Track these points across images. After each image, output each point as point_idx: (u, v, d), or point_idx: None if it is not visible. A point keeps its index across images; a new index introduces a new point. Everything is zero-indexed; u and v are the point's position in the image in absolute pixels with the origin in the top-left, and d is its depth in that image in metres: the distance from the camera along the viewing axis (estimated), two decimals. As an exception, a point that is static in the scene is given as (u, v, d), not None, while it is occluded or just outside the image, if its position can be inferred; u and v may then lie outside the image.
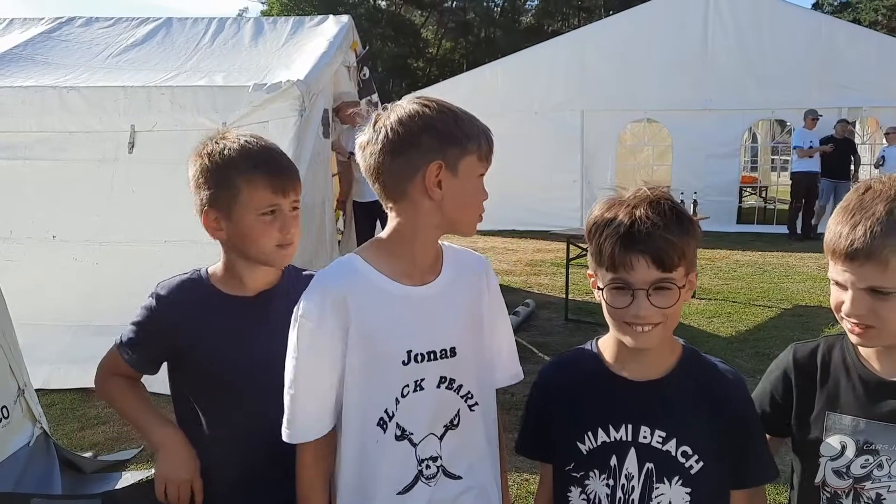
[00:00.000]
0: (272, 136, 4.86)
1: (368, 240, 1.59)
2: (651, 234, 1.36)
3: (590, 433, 1.49)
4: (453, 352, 1.51)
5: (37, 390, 3.22)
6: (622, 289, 1.39)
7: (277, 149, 1.73)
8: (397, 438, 1.48)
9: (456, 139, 1.43)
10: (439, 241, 1.57)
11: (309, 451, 1.50)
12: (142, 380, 1.87)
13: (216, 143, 1.70)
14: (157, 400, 1.84)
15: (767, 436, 1.57)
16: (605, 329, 1.49)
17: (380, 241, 1.54)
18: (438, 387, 1.50)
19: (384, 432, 1.47)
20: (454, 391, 1.53)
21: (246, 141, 1.69)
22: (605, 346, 1.55)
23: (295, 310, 1.48)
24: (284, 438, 1.49)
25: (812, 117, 11.62)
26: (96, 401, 4.41)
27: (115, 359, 1.80)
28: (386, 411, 1.47)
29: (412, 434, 1.49)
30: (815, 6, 45.65)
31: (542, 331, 6.41)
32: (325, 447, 1.51)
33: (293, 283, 1.70)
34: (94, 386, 1.85)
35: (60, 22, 6.28)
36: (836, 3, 49.71)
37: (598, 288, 1.45)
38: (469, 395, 1.55)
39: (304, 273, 1.80)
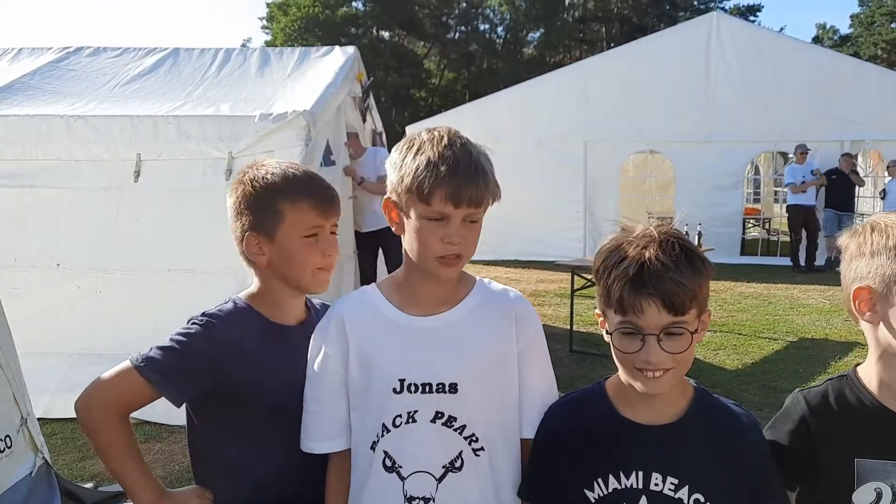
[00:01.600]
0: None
1: (371, 270, 1.62)
2: (661, 277, 1.32)
3: (599, 480, 1.43)
4: (454, 388, 1.45)
5: (38, 419, 3.18)
6: (632, 333, 1.35)
7: (318, 174, 1.74)
8: (387, 469, 1.46)
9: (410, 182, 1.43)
10: (475, 276, 1.57)
11: (332, 464, 1.57)
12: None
13: (256, 169, 1.70)
14: (158, 430, 1.80)
15: None
16: (611, 361, 1.45)
17: (396, 273, 1.57)
18: (434, 422, 1.46)
19: (373, 455, 1.48)
20: (455, 431, 1.46)
21: (288, 166, 1.70)
22: (614, 388, 1.49)
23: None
24: (301, 447, 1.57)
25: (801, 152, 11.70)
26: (97, 431, 4.36)
27: (132, 387, 1.62)
28: (376, 435, 1.47)
29: (401, 467, 1.46)
30: (815, 40, 46.20)
31: (547, 362, 6.36)
32: (347, 463, 1.54)
33: (321, 314, 1.73)
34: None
35: (68, 52, 6.34)
36: (835, 38, 50.27)
37: (607, 331, 1.41)
38: (474, 438, 1.47)
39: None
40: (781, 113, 12.28)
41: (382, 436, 1.47)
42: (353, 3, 43.12)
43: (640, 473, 1.41)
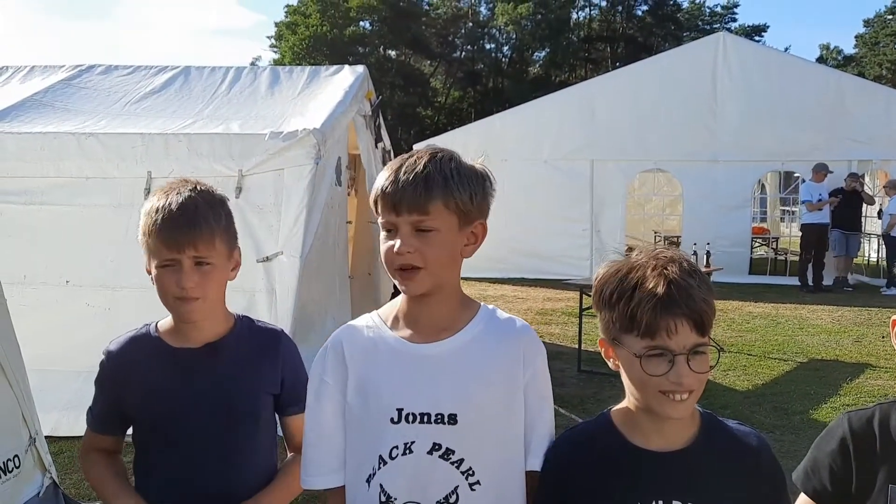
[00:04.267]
0: (287, 183, 4.91)
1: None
2: (692, 297, 1.31)
3: None
4: (453, 419, 1.40)
5: (45, 437, 3.16)
6: (659, 356, 1.32)
7: (194, 203, 1.66)
8: (382, 503, 1.43)
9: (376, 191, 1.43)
10: (479, 302, 1.52)
11: (331, 501, 1.52)
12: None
13: (151, 197, 1.73)
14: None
15: None
16: (620, 381, 1.43)
17: (396, 299, 1.52)
18: (430, 454, 1.40)
19: (368, 489, 1.44)
20: (452, 464, 1.40)
21: (162, 196, 1.68)
22: (621, 417, 1.46)
23: None
24: (301, 484, 1.55)
25: (824, 172, 11.60)
26: (104, 449, 4.33)
27: (88, 425, 1.85)
28: (372, 468, 1.43)
29: (395, 500, 1.41)
30: (819, 60, 46.33)
31: (555, 382, 6.21)
32: (343, 501, 1.50)
33: (243, 334, 1.78)
34: None
35: (80, 70, 6.37)
36: (839, 58, 50.41)
37: (635, 355, 1.35)
38: (470, 472, 1.41)
39: (257, 324, 1.84)
40: (789, 132, 12.29)
41: (379, 468, 1.42)
42: (361, 23, 43.49)
43: (660, 503, 1.37)
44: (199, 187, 1.71)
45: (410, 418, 1.40)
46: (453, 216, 1.40)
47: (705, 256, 7.98)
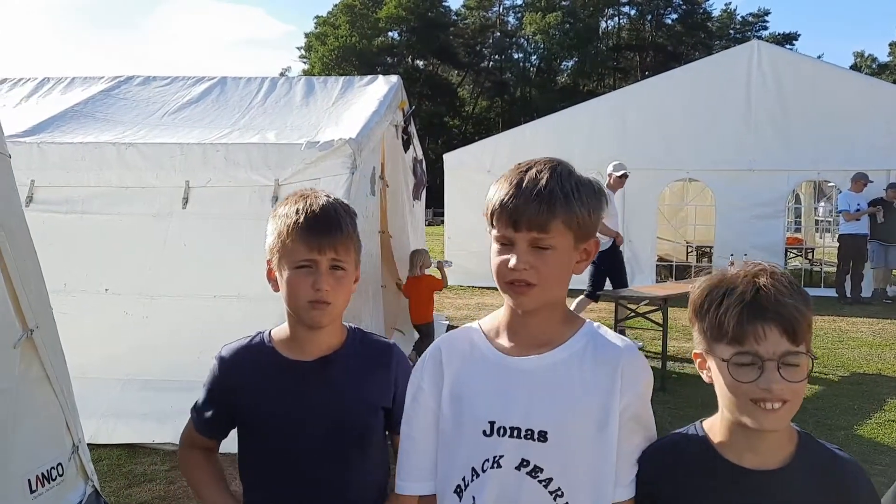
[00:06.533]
0: (324, 192, 4.93)
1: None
2: (780, 301, 1.28)
3: None
4: (543, 436, 1.36)
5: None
6: (749, 364, 1.29)
7: (334, 207, 1.67)
8: None
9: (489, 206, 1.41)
10: (585, 318, 1.48)
11: None
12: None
13: (284, 201, 1.71)
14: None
15: None
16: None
17: (500, 309, 1.50)
18: (518, 469, 1.37)
19: (459, 501, 1.42)
20: (540, 483, 1.36)
21: (302, 199, 1.67)
22: (715, 430, 1.41)
23: None
24: (396, 489, 1.54)
25: (863, 182, 11.37)
26: (143, 457, 4.36)
27: (191, 424, 1.82)
28: (463, 479, 1.42)
29: None
30: (853, 68, 45.72)
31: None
32: None
33: (356, 347, 1.73)
34: (144, 442, 1.93)
35: (119, 81, 6.47)
36: (874, 66, 49.71)
37: (724, 360, 1.32)
38: (559, 493, 1.36)
39: (369, 336, 1.80)
40: (824, 141, 12.08)
41: (472, 480, 1.40)
42: (389, 33, 43.79)
43: None
44: (331, 196, 1.71)
45: (501, 431, 1.38)
46: (570, 234, 1.37)
47: (742, 267, 7.86)
